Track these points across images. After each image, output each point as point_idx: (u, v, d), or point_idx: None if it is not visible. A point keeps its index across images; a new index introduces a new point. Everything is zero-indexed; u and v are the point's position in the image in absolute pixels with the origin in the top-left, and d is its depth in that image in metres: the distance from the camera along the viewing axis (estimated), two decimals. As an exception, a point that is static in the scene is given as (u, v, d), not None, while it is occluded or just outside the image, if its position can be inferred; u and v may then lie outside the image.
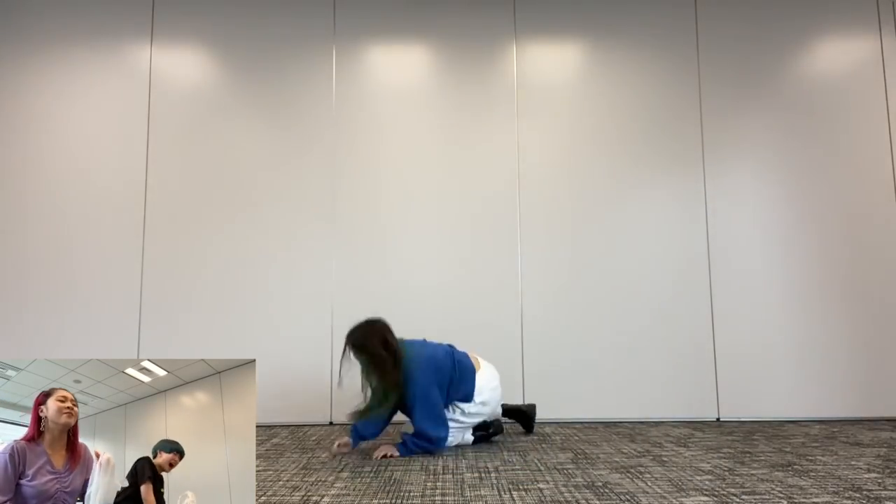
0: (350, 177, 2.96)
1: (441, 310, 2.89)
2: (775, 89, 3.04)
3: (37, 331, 2.81)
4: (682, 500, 1.54)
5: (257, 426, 2.76)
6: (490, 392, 2.30)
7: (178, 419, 1.27)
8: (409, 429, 2.19)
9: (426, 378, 2.15)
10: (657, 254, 2.94)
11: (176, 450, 1.22)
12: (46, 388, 1.11)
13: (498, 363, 2.85)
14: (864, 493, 1.60)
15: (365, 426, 2.17)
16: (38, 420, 1.03)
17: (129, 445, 1.23)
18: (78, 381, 1.27)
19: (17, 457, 1.01)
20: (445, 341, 2.39)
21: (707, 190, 2.98)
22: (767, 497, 1.57)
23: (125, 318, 2.83)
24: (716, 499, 1.55)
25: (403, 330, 2.84)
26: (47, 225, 2.87)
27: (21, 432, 1.05)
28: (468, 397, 2.25)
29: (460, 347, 2.36)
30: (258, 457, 2.09)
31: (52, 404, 1.05)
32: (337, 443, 2.16)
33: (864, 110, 3.02)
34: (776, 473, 1.82)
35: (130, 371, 1.30)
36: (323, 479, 1.80)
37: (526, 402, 2.79)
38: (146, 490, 1.13)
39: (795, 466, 1.91)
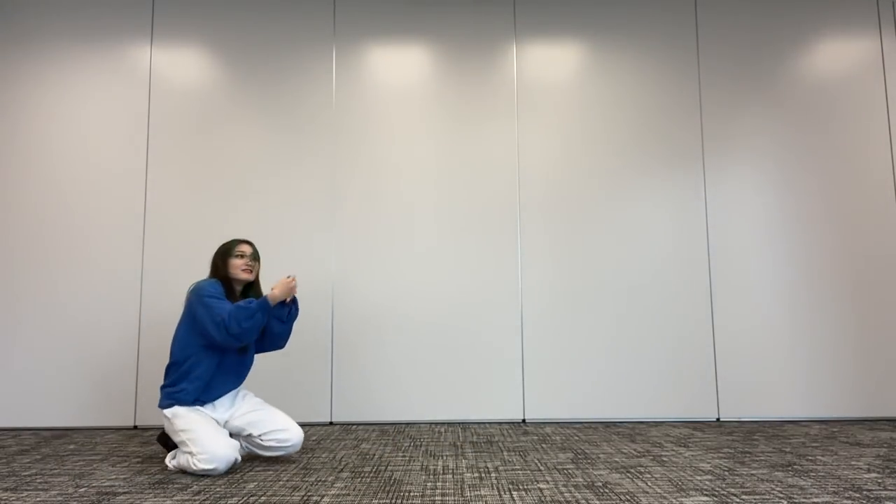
0: (350, 176, 2.96)
1: (440, 309, 2.89)
2: (775, 89, 3.04)
3: (35, 330, 2.81)
4: (682, 500, 1.55)
5: (257, 426, 2.76)
6: None
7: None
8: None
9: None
10: (657, 253, 2.94)
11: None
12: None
13: (498, 363, 2.87)
14: (864, 493, 1.60)
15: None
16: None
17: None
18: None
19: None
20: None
21: (707, 189, 2.98)
22: (767, 497, 1.57)
23: (124, 319, 2.83)
24: (716, 499, 1.55)
25: (403, 329, 2.87)
26: (47, 224, 2.87)
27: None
28: None
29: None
30: (256, 458, 2.09)
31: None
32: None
33: (864, 110, 3.02)
34: (776, 473, 1.82)
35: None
36: (323, 479, 1.80)
37: None
38: None
39: (795, 466, 1.91)
